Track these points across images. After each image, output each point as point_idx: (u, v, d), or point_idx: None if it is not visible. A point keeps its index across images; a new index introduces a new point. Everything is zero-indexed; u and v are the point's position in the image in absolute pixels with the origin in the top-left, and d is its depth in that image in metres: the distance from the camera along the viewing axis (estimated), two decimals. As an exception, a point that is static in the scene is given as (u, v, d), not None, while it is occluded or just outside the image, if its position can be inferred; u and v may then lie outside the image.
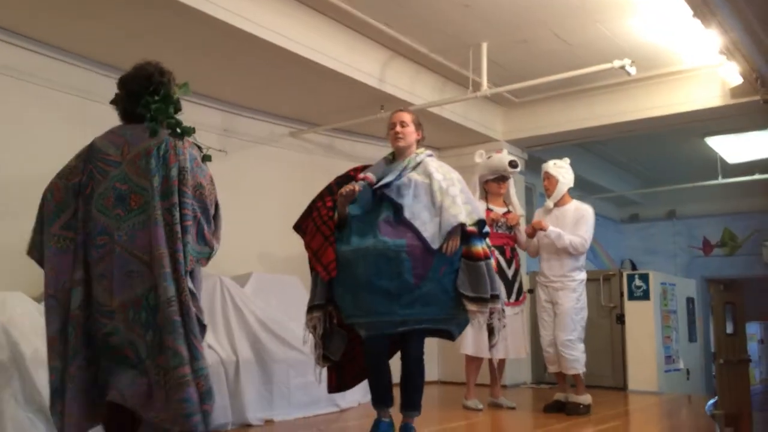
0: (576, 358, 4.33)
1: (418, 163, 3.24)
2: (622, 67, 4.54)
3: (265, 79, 4.96)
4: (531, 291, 5.54)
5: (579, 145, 7.28)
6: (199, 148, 2.65)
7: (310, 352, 3.22)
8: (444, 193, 3.12)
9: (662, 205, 10.07)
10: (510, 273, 4.66)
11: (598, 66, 4.70)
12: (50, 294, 2.41)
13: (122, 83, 2.63)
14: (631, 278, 6.34)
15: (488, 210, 4.67)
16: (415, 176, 3.18)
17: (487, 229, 3.21)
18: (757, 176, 7.68)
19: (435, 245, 2.99)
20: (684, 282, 7.37)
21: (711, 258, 9.74)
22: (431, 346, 5.95)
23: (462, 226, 3.04)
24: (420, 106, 5.36)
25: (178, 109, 2.61)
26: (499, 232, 4.64)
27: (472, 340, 4.47)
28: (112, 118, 2.66)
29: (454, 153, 6.75)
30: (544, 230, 4.40)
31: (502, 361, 4.73)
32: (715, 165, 7.74)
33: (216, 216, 2.57)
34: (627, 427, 4.31)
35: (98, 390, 2.39)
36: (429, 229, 3.01)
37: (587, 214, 4.48)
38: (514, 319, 4.51)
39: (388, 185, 3.14)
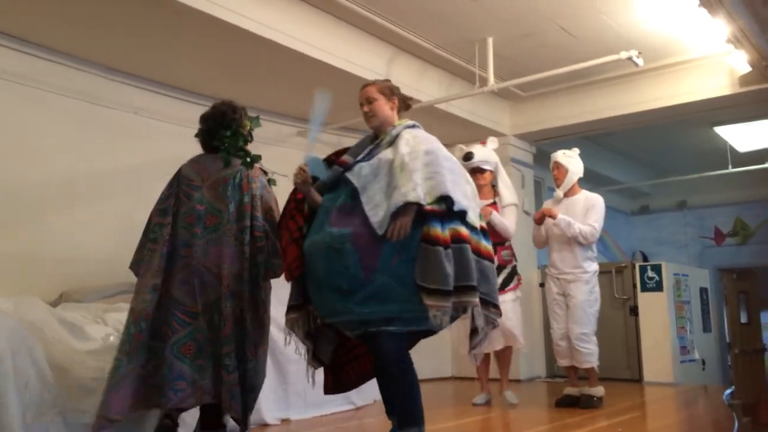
0: (591, 351, 4.29)
1: (395, 138, 2.84)
2: (630, 58, 4.53)
3: (270, 78, 4.97)
4: (542, 285, 5.53)
5: (587, 138, 7.25)
6: (265, 172, 3.13)
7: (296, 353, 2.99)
8: (402, 169, 2.67)
9: (672, 195, 10.03)
10: None
11: (606, 58, 4.69)
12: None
13: (202, 120, 3.17)
14: (643, 270, 6.32)
15: None
16: (386, 154, 2.79)
17: (462, 206, 2.67)
18: (767, 165, 7.62)
19: (382, 231, 2.58)
20: (697, 272, 7.34)
21: (723, 247, 9.69)
22: (441, 342, 5.97)
23: (417, 205, 2.57)
24: (427, 103, 5.37)
25: (248, 141, 3.16)
26: None
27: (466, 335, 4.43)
28: (117, 122, 2.71)
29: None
30: (554, 218, 4.33)
31: (503, 353, 4.57)
32: (725, 154, 7.70)
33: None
34: (644, 419, 4.29)
35: (153, 381, 2.77)
36: (379, 213, 2.61)
37: (598, 204, 4.41)
38: (504, 309, 4.37)
39: (350, 166, 2.81)
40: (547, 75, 5.06)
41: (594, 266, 4.43)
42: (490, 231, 4.16)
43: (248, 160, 3.07)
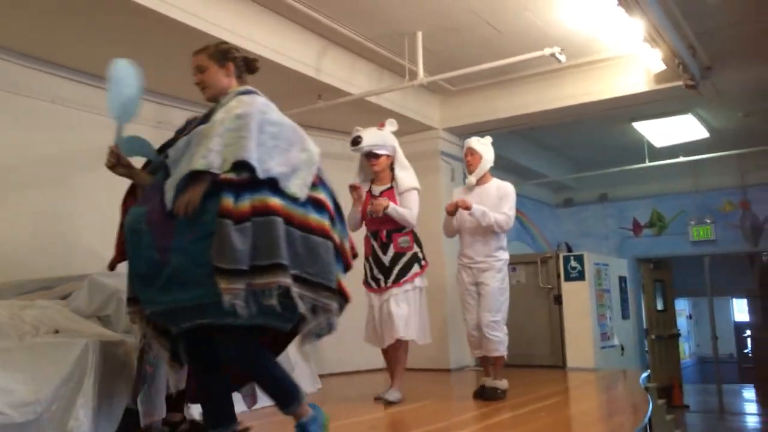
0: (500, 339, 4.20)
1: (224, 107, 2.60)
2: (553, 55, 4.66)
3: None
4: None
5: (515, 132, 7.45)
6: None
7: None
8: (204, 136, 2.42)
9: (594, 189, 10.41)
10: (387, 258, 4.20)
11: (530, 54, 4.81)
12: None
13: None
14: (567, 260, 6.54)
15: (368, 192, 4.35)
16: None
17: (273, 173, 2.39)
18: (681, 159, 8.02)
19: (171, 205, 2.34)
20: (616, 262, 7.66)
21: (641, 238, 10.14)
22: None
23: (211, 175, 2.32)
24: (358, 95, 5.38)
25: None
26: (373, 216, 4.24)
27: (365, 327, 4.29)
28: (34, 111, 2.60)
29: (393, 142, 6.81)
30: (468, 209, 4.21)
31: (392, 348, 4.22)
32: (642, 149, 8.04)
33: None
34: (567, 403, 4.46)
35: None
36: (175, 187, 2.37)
37: (510, 192, 4.34)
38: (395, 300, 4.14)
39: (172, 143, 2.58)
40: (474, 70, 5.14)
41: (505, 255, 4.36)
42: (392, 219, 4.17)
43: None
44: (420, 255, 4.30)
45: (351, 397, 4.73)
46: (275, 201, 2.35)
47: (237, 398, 2.86)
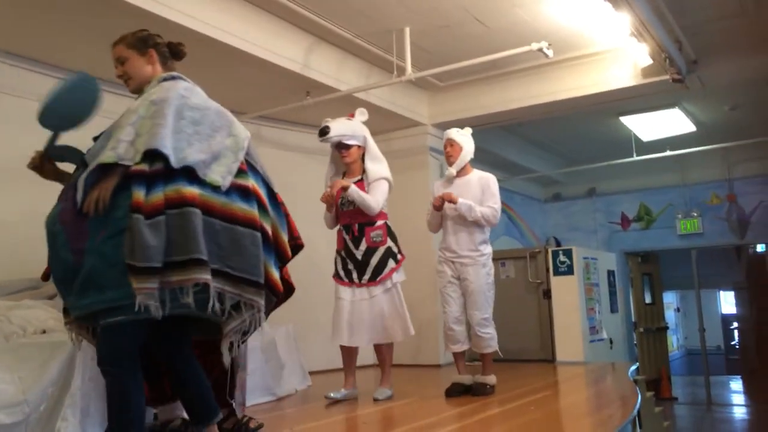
0: (492, 336, 4.15)
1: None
2: (540, 50, 4.66)
3: (184, 66, 4.79)
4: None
5: (503, 128, 7.47)
6: None
7: None
8: (115, 127, 2.31)
9: (583, 183, 10.45)
10: (359, 253, 4.08)
11: (518, 49, 4.82)
12: None
13: None
14: (555, 254, 6.58)
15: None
16: None
17: (188, 162, 2.23)
18: (668, 152, 8.06)
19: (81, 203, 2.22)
20: (605, 256, 7.70)
21: (629, 232, 10.20)
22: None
23: (122, 167, 2.19)
24: (346, 92, 5.37)
25: None
26: (345, 210, 4.13)
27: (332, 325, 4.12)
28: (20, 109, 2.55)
29: (382, 138, 6.76)
30: (455, 203, 4.11)
31: (381, 348, 4.19)
32: (630, 143, 8.08)
33: None
34: (557, 396, 4.48)
35: None
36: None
37: (492, 183, 4.23)
38: (373, 301, 4.06)
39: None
40: (462, 65, 5.15)
41: (489, 248, 4.25)
42: (358, 209, 4.03)
43: None
44: (395, 249, 4.18)
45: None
46: (191, 190, 2.20)
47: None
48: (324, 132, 4.08)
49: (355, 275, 4.11)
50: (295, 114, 5.83)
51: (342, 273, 4.16)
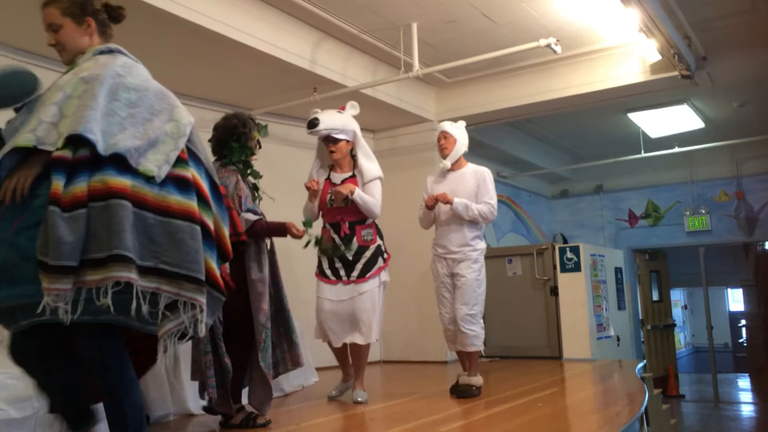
0: (477, 334, 4.00)
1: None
2: (548, 46, 4.65)
3: (192, 62, 4.83)
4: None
5: (510, 124, 7.45)
6: (257, 188, 3.49)
7: None
8: (39, 104, 2.10)
9: (590, 180, 10.42)
10: (350, 252, 3.94)
11: (525, 45, 4.80)
12: None
13: (214, 128, 3.45)
14: (563, 251, 6.56)
15: (326, 180, 4.08)
16: None
17: (119, 149, 2.02)
18: (676, 149, 8.03)
19: None
20: (612, 253, 7.68)
21: (636, 229, 10.16)
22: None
23: (45, 154, 1.99)
24: (353, 88, 5.36)
25: (253, 153, 3.47)
26: (333, 206, 3.96)
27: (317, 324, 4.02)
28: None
29: (389, 134, 6.81)
30: (450, 203, 4.02)
31: (356, 348, 4.01)
32: (638, 140, 8.04)
33: None
34: (563, 393, 4.48)
35: None
36: None
37: (488, 177, 4.14)
38: (357, 300, 3.90)
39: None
40: (470, 61, 5.13)
41: (482, 244, 4.16)
42: (355, 209, 3.91)
43: (248, 172, 3.44)
44: (383, 248, 4.08)
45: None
46: (120, 181, 1.98)
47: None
48: (313, 124, 3.94)
49: (342, 272, 3.97)
50: (302, 110, 5.82)
51: (328, 271, 4.01)
